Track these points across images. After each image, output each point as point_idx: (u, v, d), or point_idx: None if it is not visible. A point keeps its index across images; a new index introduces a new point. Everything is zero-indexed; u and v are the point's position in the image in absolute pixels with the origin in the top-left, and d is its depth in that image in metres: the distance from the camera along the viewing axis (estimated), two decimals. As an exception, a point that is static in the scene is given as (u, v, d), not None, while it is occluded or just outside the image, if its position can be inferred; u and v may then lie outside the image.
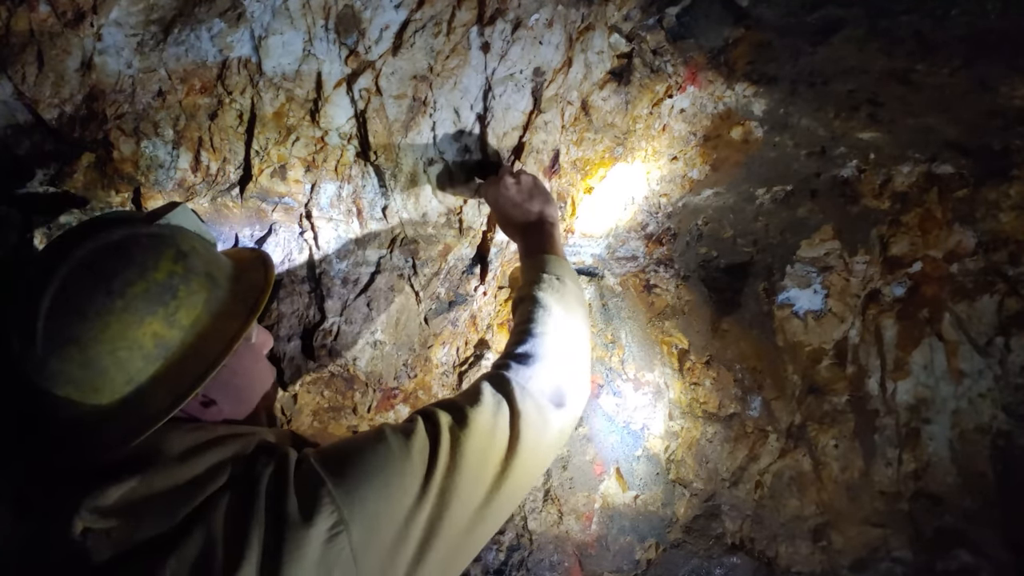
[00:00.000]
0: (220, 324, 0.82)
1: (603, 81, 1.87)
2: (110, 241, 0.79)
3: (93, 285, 0.75)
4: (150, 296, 0.77)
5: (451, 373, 2.06)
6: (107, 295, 0.75)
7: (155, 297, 0.77)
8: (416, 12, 1.51)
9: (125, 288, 0.76)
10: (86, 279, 0.76)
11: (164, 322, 0.77)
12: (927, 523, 2.39)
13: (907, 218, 2.33)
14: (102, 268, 0.77)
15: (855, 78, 1.95)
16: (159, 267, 0.79)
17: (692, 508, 2.32)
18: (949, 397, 2.39)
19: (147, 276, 0.77)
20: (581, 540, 2.17)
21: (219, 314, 0.83)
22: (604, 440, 2.27)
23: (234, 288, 0.88)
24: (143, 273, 0.77)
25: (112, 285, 0.76)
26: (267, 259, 0.99)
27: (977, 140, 2.14)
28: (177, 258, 0.81)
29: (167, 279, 0.79)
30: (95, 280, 0.76)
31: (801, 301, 2.40)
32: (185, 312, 0.79)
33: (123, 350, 0.75)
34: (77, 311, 0.74)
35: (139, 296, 0.76)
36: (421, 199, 1.74)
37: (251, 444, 0.80)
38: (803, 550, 2.35)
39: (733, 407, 2.39)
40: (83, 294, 0.75)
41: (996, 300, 2.34)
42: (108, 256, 0.78)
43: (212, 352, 0.79)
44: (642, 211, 2.23)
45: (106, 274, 0.76)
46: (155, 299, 0.77)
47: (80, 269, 0.76)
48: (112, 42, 1.31)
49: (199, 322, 0.80)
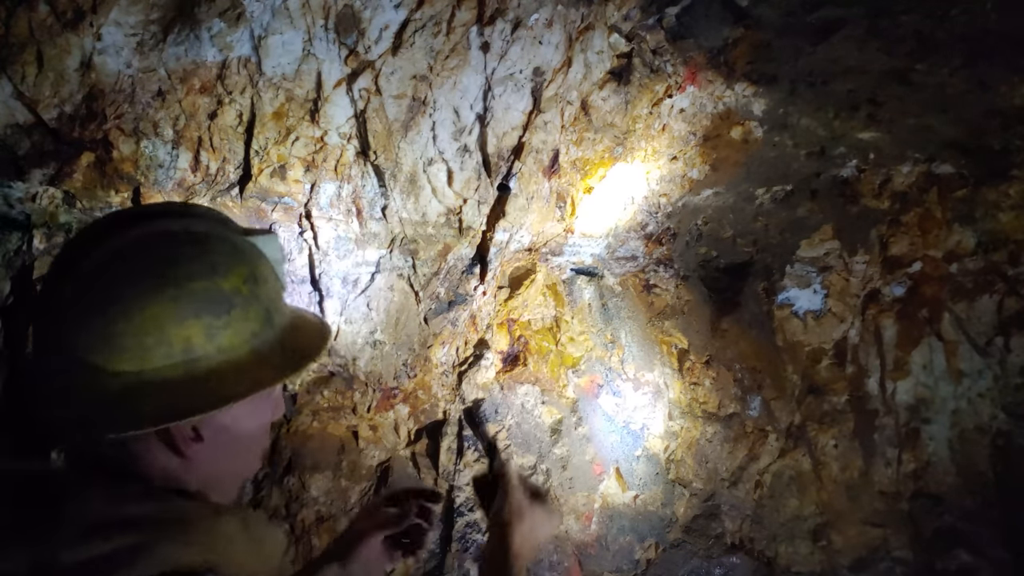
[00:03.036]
0: (254, 365, 0.76)
1: (603, 81, 1.87)
2: (195, 230, 0.75)
3: (155, 260, 0.72)
4: (205, 299, 0.73)
5: (451, 373, 2.06)
6: (160, 277, 0.71)
7: (209, 303, 0.73)
8: (416, 12, 1.51)
9: (185, 280, 0.71)
10: (153, 251, 0.72)
11: (204, 332, 0.73)
12: (927, 523, 2.39)
13: (907, 218, 2.33)
14: (172, 249, 0.73)
15: (855, 78, 1.95)
16: (228, 277, 0.74)
17: (692, 508, 2.32)
18: (949, 397, 2.39)
19: (212, 279, 0.73)
20: (581, 540, 2.17)
21: (258, 355, 0.76)
22: (604, 440, 2.27)
23: (284, 339, 0.82)
24: (210, 274, 0.73)
25: (174, 270, 0.72)
26: (326, 330, 0.91)
27: (977, 140, 2.14)
28: (248, 279, 0.76)
29: (230, 293, 0.74)
30: (161, 257, 0.72)
31: (801, 301, 2.40)
32: (229, 334, 0.74)
33: (150, 338, 0.71)
34: (128, 277, 0.70)
35: (195, 294, 0.72)
36: (421, 199, 1.74)
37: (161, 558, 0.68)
38: (803, 550, 2.36)
39: (733, 407, 2.39)
40: (142, 263, 0.71)
41: (996, 300, 2.34)
42: (185, 242, 0.74)
43: (232, 387, 0.74)
44: (642, 211, 2.23)
45: (173, 257, 0.72)
46: (208, 305, 0.73)
47: (152, 238, 0.73)
48: (112, 42, 1.31)
49: (235, 351, 0.75)
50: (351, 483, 1.90)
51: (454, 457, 2.02)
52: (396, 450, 1.97)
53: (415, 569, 1.91)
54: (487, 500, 1.13)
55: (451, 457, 2.02)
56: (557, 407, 2.20)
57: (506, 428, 2.09)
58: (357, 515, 1.15)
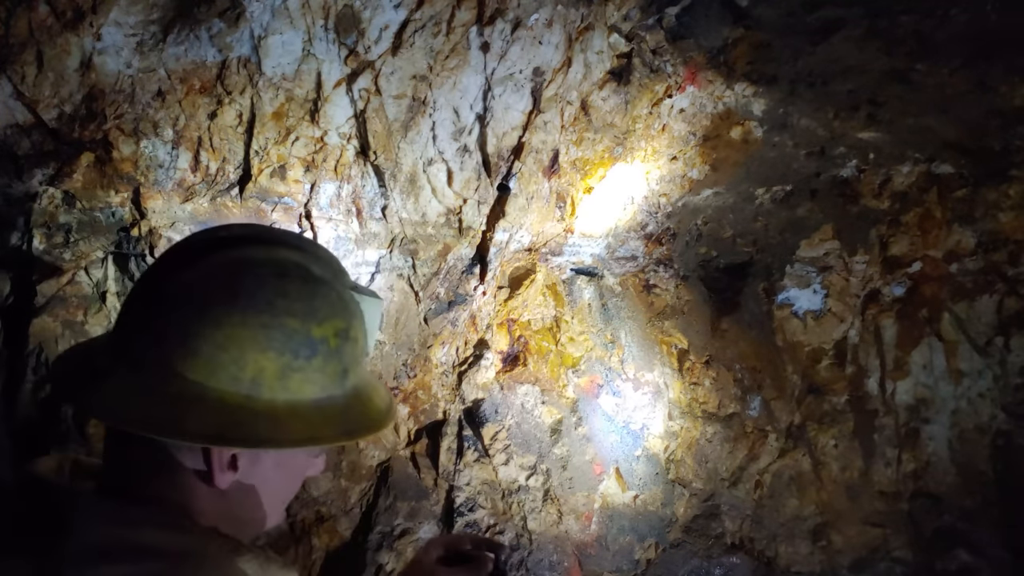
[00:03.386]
0: (313, 418, 0.73)
1: (603, 81, 1.87)
2: (310, 272, 0.74)
3: (265, 287, 0.71)
4: (292, 338, 0.71)
5: (451, 373, 2.06)
6: (263, 302, 0.71)
7: (295, 344, 0.71)
8: (415, 12, 1.51)
9: (282, 314, 0.71)
10: (267, 276, 0.72)
11: (277, 370, 0.71)
12: (927, 523, 2.39)
13: (907, 218, 2.33)
14: (283, 282, 0.72)
15: (855, 78, 1.95)
16: (323, 326, 0.73)
17: (692, 508, 2.32)
18: (948, 397, 2.39)
19: (307, 322, 0.72)
20: (581, 540, 2.17)
21: (320, 410, 0.74)
22: (604, 440, 2.27)
23: (350, 404, 0.78)
24: (306, 318, 0.72)
25: (276, 301, 0.71)
26: (392, 410, 0.89)
27: (976, 140, 2.14)
28: (340, 335, 0.75)
29: (318, 341, 0.73)
30: (272, 285, 0.71)
31: (801, 301, 2.40)
32: (300, 379, 0.72)
33: (227, 355, 0.70)
34: (235, 290, 0.70)
35: (286, 331, 0.71)
36: (420, 199, 1.74)
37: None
38: (803, 550, 2.36)
39: (733, 407, 2.39)
40: (253, 283, 0.71)
41: (995, 300, 2.34)
42: (298, 278, 0.73)
43: (284, 432, 0.71)
44: (642, 211, 2.23)
45: (283, 289, 0.72)
46: (293, 345, 0.71)
47: (272, 263, 0.73)
48: (112, 42, 1.31)
49: (300, 399, 0.73)
50: (351, 483, 1.90)
51: (454, 457, 2.02)
52: (396, 450, 1.97)
53: (415, 569, 1.91)
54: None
55: (451, 457, 2.02)
56: (557, 407, 2.20)
57: (506, 428, 2.09)
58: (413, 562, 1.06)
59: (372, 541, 1.86)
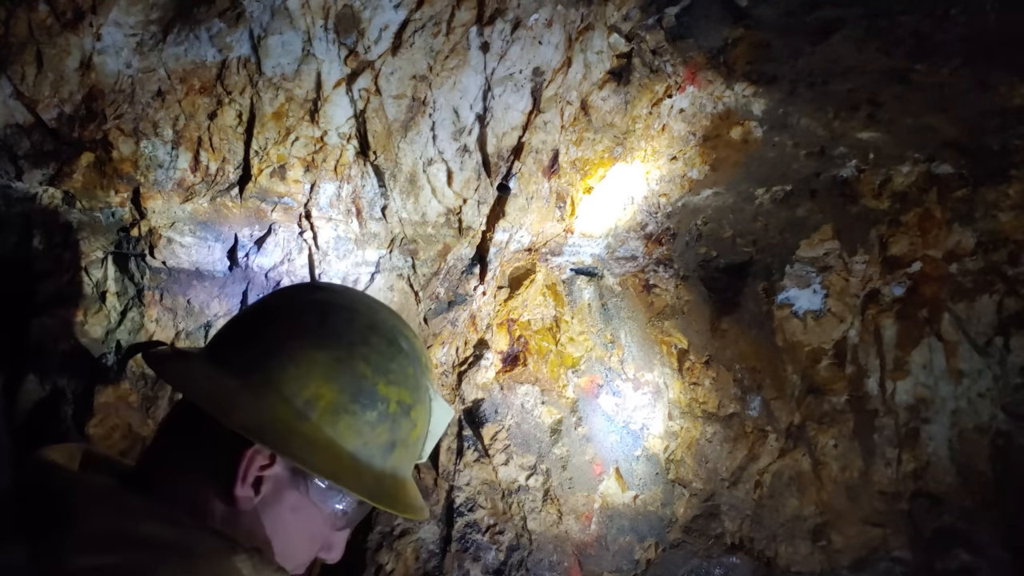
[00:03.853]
0: (344, 463, 0.73)
1: (602, 81, 1.87)
2: (398, 340, 0.80)
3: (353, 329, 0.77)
4: (358, 384, 0.74)
5: (450, 373, 2.06)
6: (349, 342, 0.75)
7: (358, 389, 0.74)
8: (415, 12, 1.51)
9: (359, 358, 0.75)
10: (356, 321, 0.78)
11: (332, 404, 0.73)
12: (927, 523, 2.39)
13: (906, 218, 2.33)
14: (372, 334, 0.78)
15: (854, 78, 1.95)
16: (390, 388, 0.76)
17: (691, 508, 2.32)
18: (948, 397, 2.40)
19: (377, 376, 0.75)
20: (580, 540, 2.17)
21: (356, 463, 0.74)
22: (603, 440, 2.27)
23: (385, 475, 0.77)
24: (377, 373, 0.75)
25: (361, 347, 0.76)
26: (424, 511, 0.89)
27: (976, 140, 2.14)
28: (402, 405, 0.77)
29: (380, 398, 0.75)
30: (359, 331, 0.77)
31: (800, 301, 2.40)
32: (348, 422, 0.74)
33: (296, 369, 0.73)
34: (324, 320, 0.76)
35: (355, 373, 0.74)
36: (420, 199, 1.74)
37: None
38: (803, 550, 2.36)
39: (732, 407, 2.39)
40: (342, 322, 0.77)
41: (995, 300, 2.34)
42: (384, 339, 0.78)
43: (312, 457, 0.72)
44: (641, 211, 2.23)
45: (369, 339, 0.77)
46: (356, 389, 0.74)
47: (364, 315, 0.79)
48: (111, 42, 1.31)
49: (340, 442, 0.73)
50: (351, 483, 1.90)
51: (454, 457, 2.02)
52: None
53: (415, 569, 1.91)
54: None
55: (451, 457, 2.02)
56: (557, 407, 2.20)
57: (506, 428, 2.09)
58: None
59: (372, 541, 1.86)
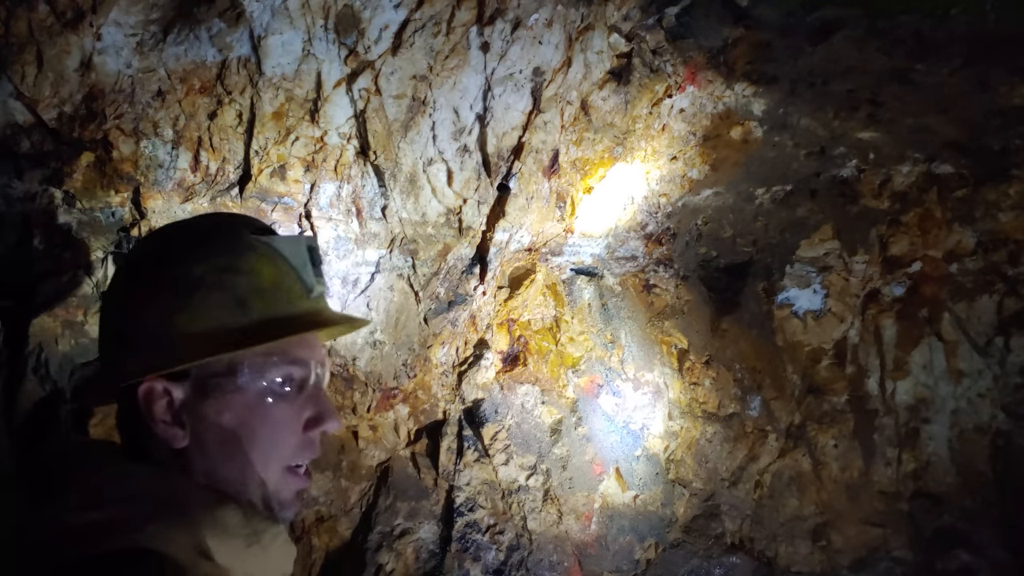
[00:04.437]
0: (214, 341, 0.76)
1: (603, 81, 1.87)
2: (191, 231, 0.83)
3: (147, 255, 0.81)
4: (173, 286, 0.78)
5: (451, 373, 2.06)
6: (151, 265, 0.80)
7: (175, 290, 0.78)
8: (415, 12, 1.51)
9: (162, 265, 0.79)
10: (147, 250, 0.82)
11: (164, 311, 0.78)
12: (927, 523, 2.39)
13: (907, 218, 2.33)
14: (163, 246, 0.82)
15: (855, 78, 1.95)
16: (202, 270, 0.78)
17: (692, 508, 2.32)
18: (948, 397, 2.39)
19: (181, 268, 0.79)
20: (581, 540, 2.17)
21: (211, 336, 0.77)
22: (604, 440, 2.27)
23: (251, 327, 0.83)
24: (181, 268, 0.79)
25: (161, 257, 0.80)
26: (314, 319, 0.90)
27: (976, 140, 2.14)
28: (220, 273, 0.79)
29: (194, 282, 0.78)
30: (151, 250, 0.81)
31: (801, 301, 2.40)
32: (185, 321, 0.77)
33: (121, 315, 0.79)
34: (137, 267, 0.81)
35: (165, 281, 0.79)
36: (420, 199, 1.74)
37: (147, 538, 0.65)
38: (803, 550, 2.36)
39: (733, 407, 2.39)
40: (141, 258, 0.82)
41: (995, 300, 2.34)
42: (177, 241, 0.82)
43: (175, 356, 0.75)
44: (641, 211, 2.23)
45: (166, 247, 0.81)
46: (174, 291, 0.78)
47: (150, 242, 0.84)
48: (111, 42, 1.31)
49: (190, 332, 0.77)
50: (351, 483, 1.90)
51: (454, 457, 2.02)
52: (396, 450, 1.97)
53: (415, 569, 1.91)
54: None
55: (451, 457, 2.02)
56: (557, 407, 2.20)
57: (506, 428, 2.09)
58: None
59: (372, 541, 1.86)
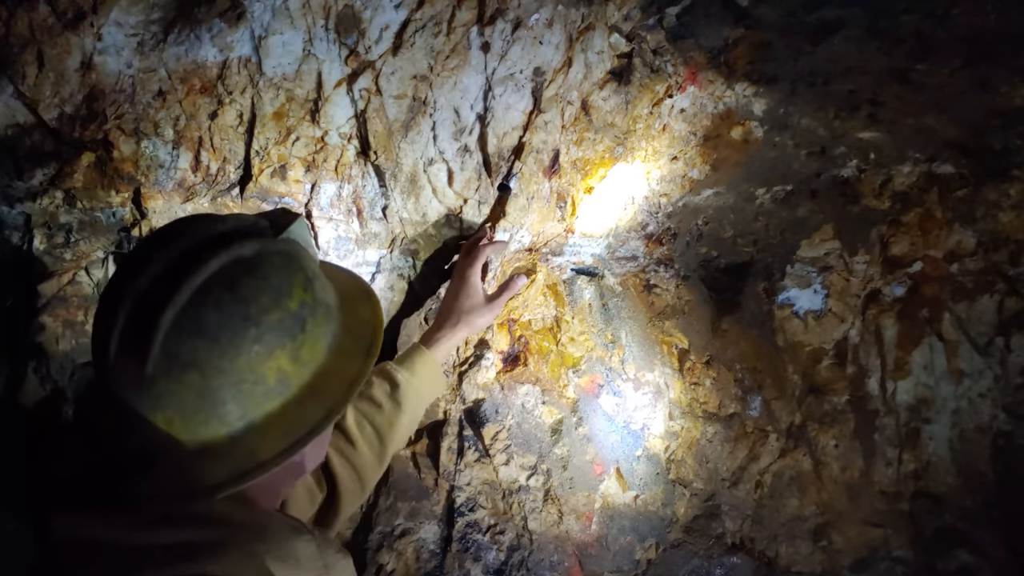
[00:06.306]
0: (339, 364, 0.72)
1: (603, 81, 1.87)
2: (243, 256, 0.70)
3: (230, 308, 0.67)
4: (283, 327, 0.69)
5: (451, 373, 2.06)
6: (244, 320, 0.67)
7: (287, 329, 0.70)
8: (416, 12, 1.51)
9: (261, 316, 0.68)
10: (223, 299, 0.67)
11: (290, 357, 0.70)
12: (927, 523, 2.39)
13: (907, 218, 2.33)
14: (239, 288, 0.68)
15: (855, 78, 1.95)
16: (292, 294, 0.71)
17: (692, 508, 2.32)
18: (949, 397, 2.39)
19: (282, 304, 0.70)
20: (581, 540, 2.16)
21: (337, 352, 0.73)
22: (604, 440, 2.27)
23: (346, 321, 0.77)
24: (278, 301, 0.69)
25: (249, 310, 0.67)
26: (370, 290, 0.85)
27: (977, 140, 2.14)
28: (306, 285, 0.72)
29: (299, 309, 0.71)
30: (233, 302, 0.67)
31: (801, 301, 2.40)
32: (309, 348, 0.71)
33: (248, 384, 0.68)
34: (208, 334, 0.65)
35: (273, 327, 0.69)
36: (421, 199, 1.74)
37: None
38: (803, 550, 2.35)
39: (733, 407, 2.39)
40: (217, 316, 0.66)
41: (996, 300, 2.34)
42: (243, 274, 0.69)
43: (332, 395, 0.70)
44: (642, 211, 2.23)
45: (244, 297, 0.68)
46: (287, 331, 0.70)
47: (215, 286, 0.67)
48: (112, 42, 1.31)
49: (319, 359, 0.72)
50: (351, 483, 1.90)
51: (454, 457, 2.02)
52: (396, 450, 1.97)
53: (416, 569, 1.91)
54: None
55: (451, 457, 2.02)
56: (557, 407, 2.20)
57: (506, 428, 2.09)
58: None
59: (372, 541, 1.86)
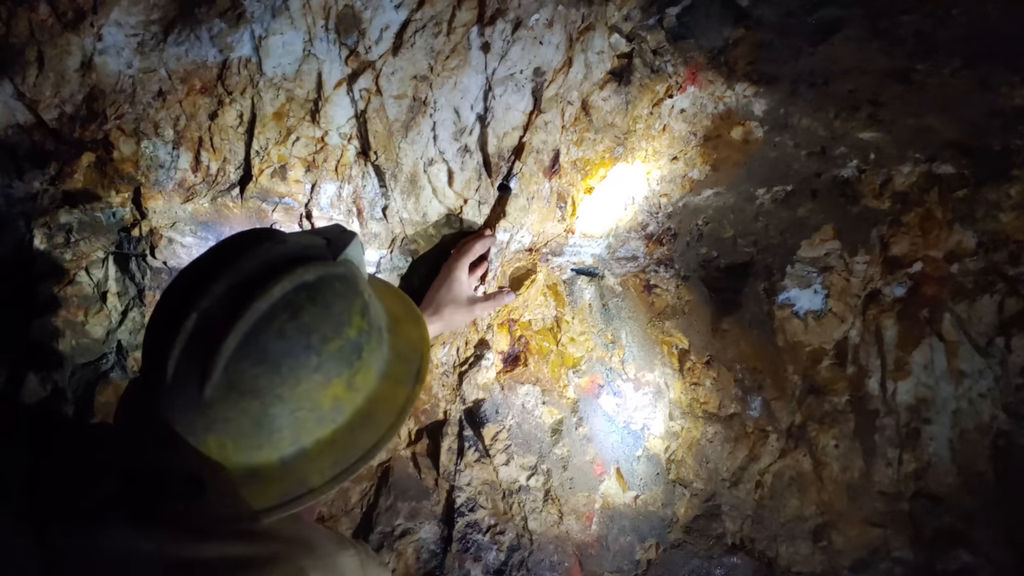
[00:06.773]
0: (389, 390, 0.72)
1: (603, 81, 1.87)
2: (306, 281, 0.69)
3: (293, 336, 0.66)
4: (342, 355, 0.69)
5: (451, 373, 2.06)
6: (306, 349, 0.66)
7: (345, 357, 0.69)
8: (416, 12, 1.51)
9: (323, 345, 0.68)
10: (286, 327, 0.66)
11: (346, 384, 0.69)
12: (927, 523, 2.39)
13: (907, 218, 2.33)
14: (302, 316, 0.67)
15: (855, 78, 1.95)
16: (351, 321, 0.70)
17: (692, 508, 2.32)
18: (949, 397, 2.39)
19: (342, 332, 0.69)
20: (581, 540, 2.16)
21: (387, 377, 0.73)
22: (604, 440, 2.27)
23: (395, 344, 0.76)
24: (339, 329, 0.69)
25: (311, 339, 0.67)
26: (417, 312, 0.84)
27: (977, 140, 2.14)
28: (363, 311, 0.72)
29: (357, 337, 0.70)
30: (296, 330, 0.66)
31: (801, 301, 2.40)
32: (363, 374, 0.71)
33: (304, 411, 0.67)
34: (270, 362, 0.65)
35: (333, 355, 0.68)
36: (421, 199, 1.74)
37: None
38: (803, 550, 2.35)
39: (733, 407, 2.39)
40: (280, 344, 0.66)
41: (996, 300, 2.34)
42: (307, 301, 0.68)
43: (383, 422, 0.70)
44: (642, 211, 2.23)
45: (306, 325, 0.67)
46: (345, 359, 0.69)
47: (279, 312, 0.66)
48: (112, 42, 1.31)
49: (371, 386, 0.71)
50: (352, 483, 1.90)
51: (455, 457, 2.02)
52: (396, 450, 1.97)
53: (416, 569, 1.91)
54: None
55: (452, 457, 2.02)
56: (558, 407, 2.20)
57: (507, 428, 2.09)
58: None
59: (373, 541, 1.86)
